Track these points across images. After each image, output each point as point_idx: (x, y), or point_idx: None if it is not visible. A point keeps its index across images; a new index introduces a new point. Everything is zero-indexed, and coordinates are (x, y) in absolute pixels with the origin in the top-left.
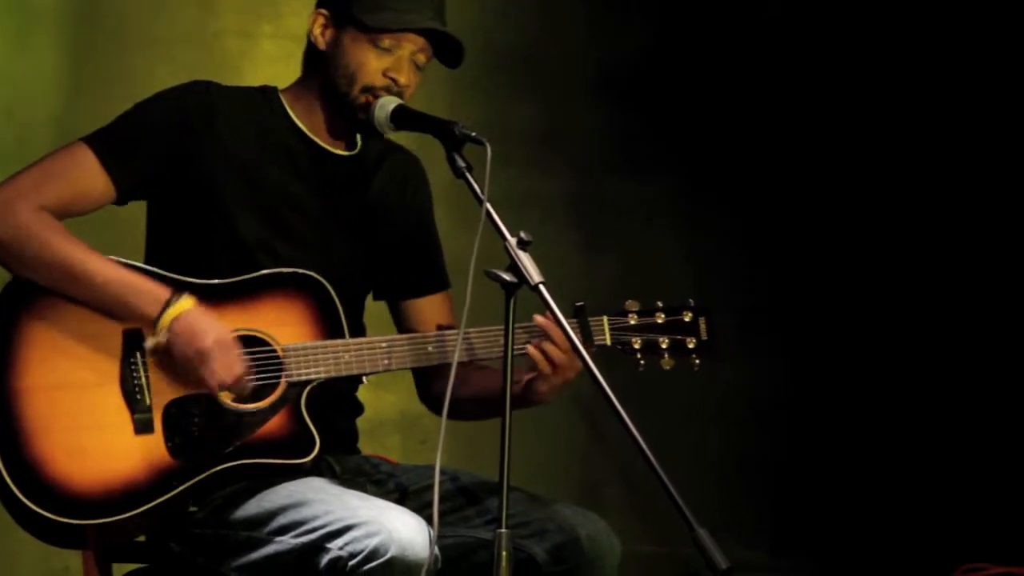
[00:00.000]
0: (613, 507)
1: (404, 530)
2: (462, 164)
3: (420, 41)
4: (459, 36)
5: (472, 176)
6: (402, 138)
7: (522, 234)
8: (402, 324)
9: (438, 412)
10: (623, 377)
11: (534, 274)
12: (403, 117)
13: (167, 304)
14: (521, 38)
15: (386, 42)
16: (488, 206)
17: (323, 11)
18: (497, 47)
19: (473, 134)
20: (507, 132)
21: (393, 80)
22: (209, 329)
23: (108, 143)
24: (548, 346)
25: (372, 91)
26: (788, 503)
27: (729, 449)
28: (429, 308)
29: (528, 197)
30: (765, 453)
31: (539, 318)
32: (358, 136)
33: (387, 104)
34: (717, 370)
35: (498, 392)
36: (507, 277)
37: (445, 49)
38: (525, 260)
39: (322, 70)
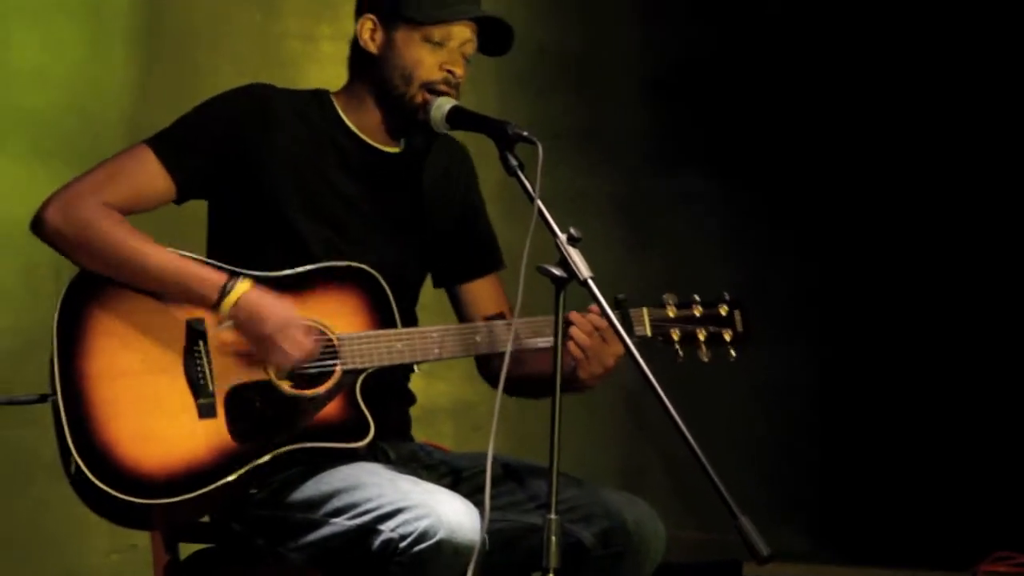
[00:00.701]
0: (657, 493)
1: (452, 514)
2: (514, 163)
3: (468, 32)
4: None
5: (524, 174)
6: (456, 136)
7: (572, 230)
8: (457, 309)
9: (496, 386)
10: (665, 366)
11: (583, 269)
12: (458, 117)
13: (225, 288)
14: (570, 38)
15: (437, 35)
16: (539, 204)
17: (370, 16)
18: (546, 47)
19: (525, 133)
20: (557, 131)
21: (451, 72)
22: (271, 310)
23: (168, 144)
24: (573, 331)
25: (430, 86)
26: (826, 492)
27: (770, 438)
28: (479, 290)
29: (577, 195)
30: (805, 442)
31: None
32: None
33: (443, 104)
34: (759, 360)
35: (549, 375)
36: (557, 272)
37: (490, 38)
38: (575, 256)
39: (373, 73)
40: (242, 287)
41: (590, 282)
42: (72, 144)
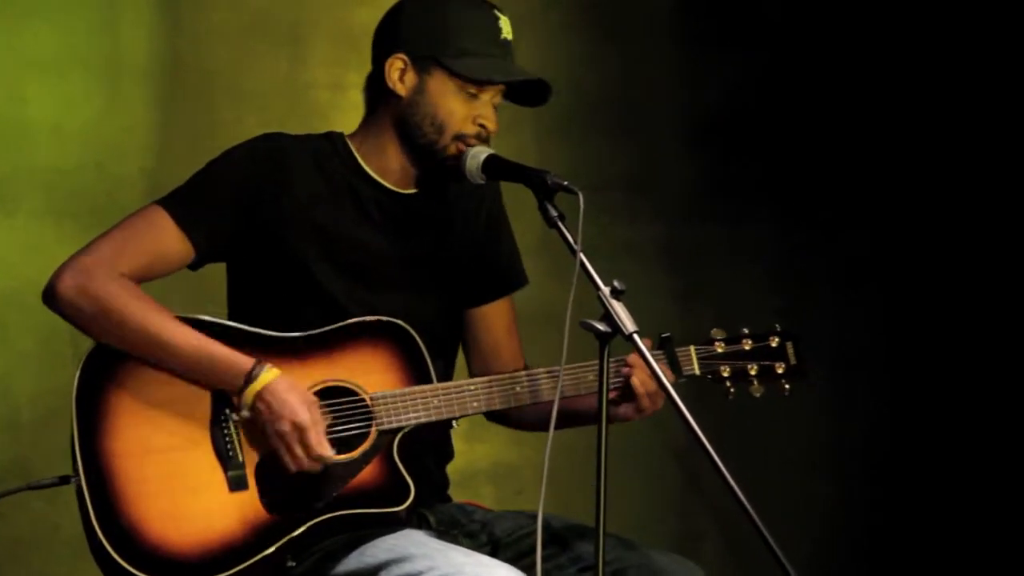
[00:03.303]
0: (711, 556)
1: None
2: (554, 214)
3: (502, 85)
4: (550, 80)
5: (565, 225)
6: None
7: (616, 283)
8: (465, 336)
9: (500, 423)
10: (717, 423)
11: (628, 324)
12: (495, 167)
13: (249, 377)
14: (611, 83)
15: (473, 88)
16: (581, 256)
17: (401, 56)
18: (587, 92)
19: (565, 183)
20: (598, 179)
21: (483, 127)
22: (289, 407)
23: (183, 204)
24: (637, 372)
25: (463, 139)
26: (889, 554)
27: (827, 498)
28: (493, 314)
29: (621, 245)
30: (864, 502)
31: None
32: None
33: (479, 154)
34: (814, 417)
35: (577, 411)
36: (601, 327)
37: (527, 92)
38: (619, 310)
39: (398, 116)
40: (268, 376)
41: (635, 337)
42: (89, 202)
